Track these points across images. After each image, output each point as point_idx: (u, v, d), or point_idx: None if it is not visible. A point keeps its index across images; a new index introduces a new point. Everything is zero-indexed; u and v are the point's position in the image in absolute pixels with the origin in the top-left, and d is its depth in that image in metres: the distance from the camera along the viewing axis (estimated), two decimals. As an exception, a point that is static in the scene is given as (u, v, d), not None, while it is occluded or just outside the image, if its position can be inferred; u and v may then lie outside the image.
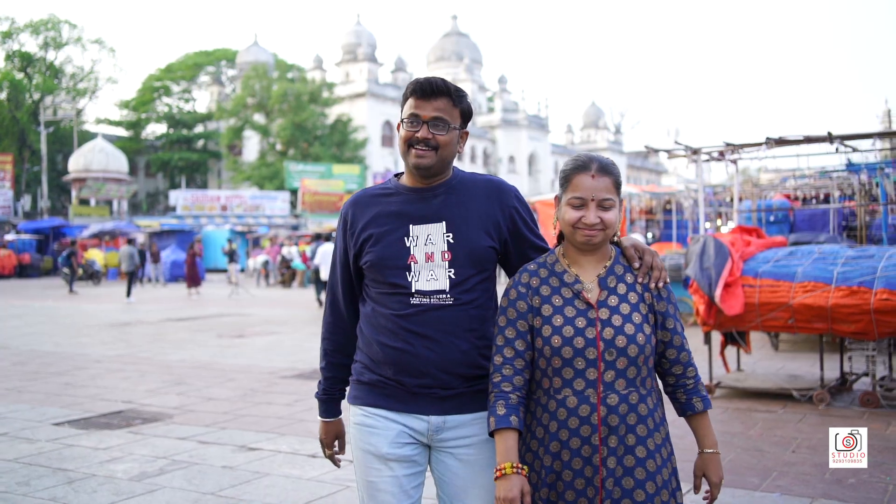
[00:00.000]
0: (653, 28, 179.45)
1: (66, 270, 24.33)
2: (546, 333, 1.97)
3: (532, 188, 63.66)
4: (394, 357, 2.07)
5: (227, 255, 25.35)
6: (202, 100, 63.07)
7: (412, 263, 2.07)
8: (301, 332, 12.47)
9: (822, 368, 6.71)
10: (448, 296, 2.06)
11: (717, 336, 7.39)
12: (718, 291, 6.40)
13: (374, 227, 2.12)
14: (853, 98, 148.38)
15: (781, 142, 8.40)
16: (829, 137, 8.12)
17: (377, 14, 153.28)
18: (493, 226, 2.13)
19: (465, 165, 55.44)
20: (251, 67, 52.37)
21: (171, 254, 30.61)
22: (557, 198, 2.07)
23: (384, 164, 55.31)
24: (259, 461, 5.00)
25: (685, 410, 2.05)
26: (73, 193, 45.10)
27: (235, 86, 59.12)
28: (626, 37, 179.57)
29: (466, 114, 2.13)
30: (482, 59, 72.01)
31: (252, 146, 55.59)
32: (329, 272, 2.31)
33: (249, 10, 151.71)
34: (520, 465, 1.92)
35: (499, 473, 1.91)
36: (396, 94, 57.07)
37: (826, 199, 12.84)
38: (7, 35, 48.97)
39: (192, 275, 22.29)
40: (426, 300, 2.06)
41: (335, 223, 2.37)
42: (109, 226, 34.69)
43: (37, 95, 48.56)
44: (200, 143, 59.38)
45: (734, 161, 9.36)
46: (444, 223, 2.09)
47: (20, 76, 49.02)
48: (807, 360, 8.54)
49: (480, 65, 71.46)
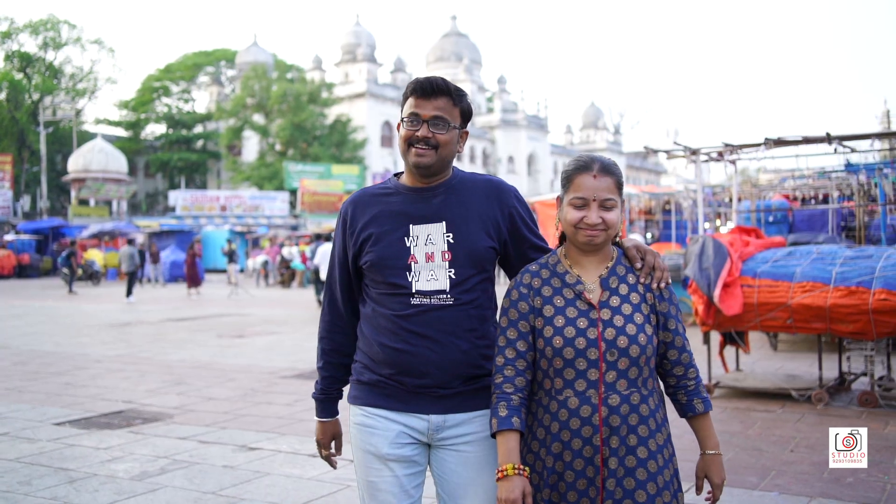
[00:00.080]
0: (652, 28, 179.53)
1: (66, 271, 24.33)
2: (547, 334, 1.96)
3: (531, 188, 63.70)
4: (394, 357, 2.07)
5: (227, 256, 25.36)
6: (201, 100, 63.19)
7: (412, 263, 2.07)
8: (301, 332, 12.48)
9: (821, 368, 6.73)
10: (448, 296, 2.06)
11: (716, 336, 7.41)
12: (717, 291, 6.42)
13: (374, 227, 2.11)
14: (852, 98, 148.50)
15: (780, 142, 8.41)
16: (828, 138, 8.13)
17: (376, 14, 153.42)
18: (493, 226, 2.12)
19: (465, 165, 55.43)
20: (250, 68, 52.43)
21: (171, 254, 30.64)
22: (559, 198, 2.06)
23: (383, 165, 55.34)
24: (259, 461, 5.02)
25: (686, 412, 2.05)
26: (73, 194, 45.12)
27: (235, 86, 59.13)
28: (626, 37, 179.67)
29: (466, 113, 2.12)
30: (481, 60, 72.06)
31: (251, 146, 55.62)
32: (327, 271, 2.30)
33: (249, 11, 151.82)
34: (521, 467, 1.92)
35: (500, 475, 1.91)
36: (396, 95, 57.09)
37: (825, 200, 12.86)
38: (6, 35, 48.99)
39: (192, 275, 22.31)
40: (426, 300, 2.06)
41: (334, 223, 2.36)
42: (109, 226, 34.70)
43: (36, 96, 48.57)
44: (200, 144, 59.39)
45: (733, 161, 9.38)
46: (445, 223, 2.08)
47: (19, 76, 49.05)
48: (805, 360, 8.56)
49: (480, 65, 71.50)
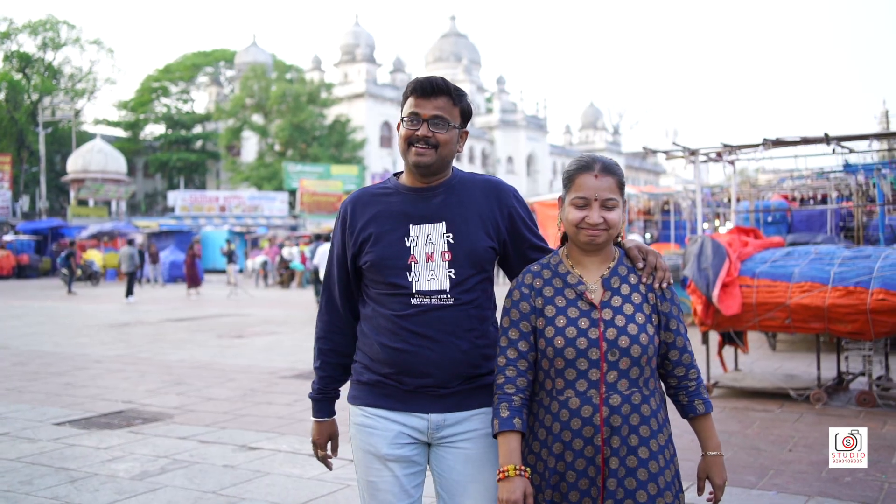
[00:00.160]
0: (651, 29, 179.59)
1: (65, 271, 24.34)
2: (549, 334, 1.96)
3: (530, 189, 63.72)
4: (395, 357, 2.07)
5: (226, 256, 25.37)
6: (200, 100, 63.17)
7: (412, 263, 2.07)
8: (300, 333, 12.49)
9: (819, 368, 6.75)
10: (448, 296, 2.06)
11: (715, 336, 7.43)
12: (716, 292, 6.43)
13: (374, 227, 2.11)
14: (851, 99, 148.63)
15: (778, 143, 8.43)
16: (826, 139, 8.15)
17: (376, 15, 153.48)
18: (493, 226, 2.13)
19: (464, 166, 55.45)
20: (249, 68, 52.42)
21: (170, 254, 30.65)
22: (561, 198, 2.06)
23: (382, 165, 55.35)
24: (260, 460, 5.04)
25: (687, 412, 2.05)
26: (72, 194, 45.09)
27: (234, 86, 59.12)
28: (625, 37, 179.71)
29: (466, 113, 2.13)
30: (480, 60, 72.10)
31: (250, 147, 55.62)
32: (325, 271, 2.29)
33: (248, 11, 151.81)
34: (523, 468, 1.92)
35: (502, 475, 1.91)
36: (395, 95, 57.11)
37: (823, 200, 12.88)
38: (5, 36, 48.95)
39: (192, 275, 22.31)
40: (427, 300, 2.06)
41: (333, 224, 2.36)
42: (108, 226, 34.69)
43: (35, 96, 48.55)
44: (199, 144, 59.36)
45: (731, 162, 9.40)
46: (445, 223, 2.08)
47: (18, 77, 49.02)
48: (804, 360, 8.57)
49: (479, 65, 71.54)
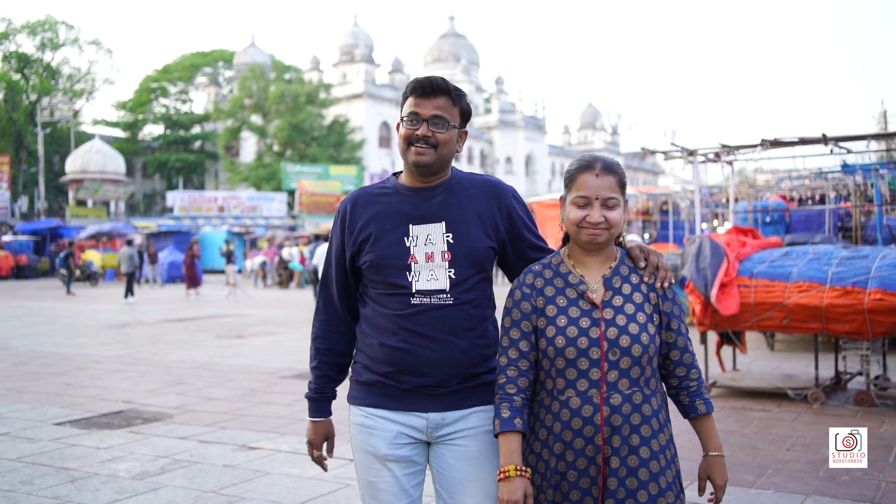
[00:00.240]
0: (650, 29, 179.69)
1: (64, 272, 24.34)
2: (550, 334, 1.96)
3: (529, 189, 63.75)
4: (394, 357, 2.08)
5: (225, 256, 25.37)
6: (199, 101, 63.24)
7: (412, 263, 2.07)
8: (299, 333, 12.49)
9: (817, 368, 6.77)
10: (448, 295, 2.07)
11: (713, 336, 7.45)
12: (714, 292, 6.45)
13: (374, 227, 2.11)
14: (849, 99, 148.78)
15: (776, 143, 8.44)
16: (824, 139, 8.17)
17: (374, 15, 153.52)
18: (492, 226, 2.13)
19: (463, 166, 55.45)
20: (248, 68, 52.41)
21: (169, 255, 30.65)
22: (562, 198, 2.07)
23: (381, 165, 55.35)
24: (259, 460, 5.05)
25: (688, 412, 2.05)
26: (71, 194, 45.05)
27: (232, 87, 59.12)
28: (623, 38, 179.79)
29: (466, 113, 2.13)
30: (479, 61, 72.14)
31: (249, 147, 55.62)
32: (322, 270, 2.29)
33: (247, 12, 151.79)
34: (524, 468, 1.92)
35: (502, 475, 1.91)
36: (393, 96, 57.12)
37: (821, 200, 12.89)
38: (4, 36, 48.91)
39: (192, 276, 22.31)
40: (426, 300, 2.06)
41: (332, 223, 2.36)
42: (107, 227, 34.69)
43: (34, 96, 48.52)
44: (197, 144, 59.34)
45: (730, 162, 9.42)
46: (444, 223, 2.09)
47: (17, 77, 48.96)
48: (802, 360, 8.59)
49: (477, 66, 71.57)
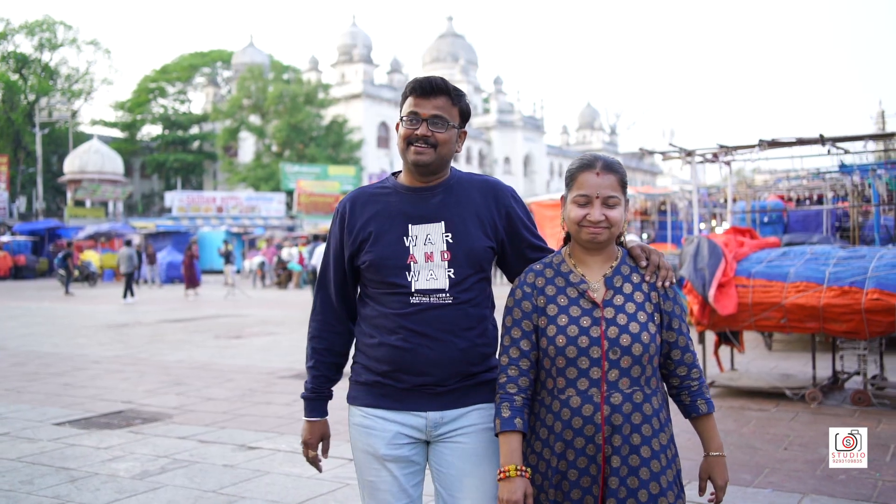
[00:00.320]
0: (648, 29, 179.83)
1: (62, 272, 24.34)
2: (551, 333, 1.96)
3: (527, 189, 63.79)
4: (393, 355, 2.08)
5: (223, 257, 25.38)
6: (198, 101, 63.21)
7: (412, 263, 2.07)
8: (298, 333, 12.49)
9: (815, 367, 6.79)
10: (447, 295, 2.07)
11: (711, 336, 7.46)
12: (712, 292, 6.47)
13: (373, 226, 2.12)
14: (848, 99, 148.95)
15: (774, 144, 8.47)
16: (821, 139, 8.20)
17: (373, 15, 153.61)
18: (491, 226, 2.14)
19: (461, 166, 55.25)
20: (247, 69, 52.40)
21: (167, 255, 30.63)
22: (563, 197, 2.07)
23: (379, 166, 55.36)
24: (259, 460, 5.06)
25: (690, 412, 2.05)
26: (69, 195, 45.03)
27: (231, 87, 59.12)
28: (622, 38, 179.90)
29: (465, 113, 2.14)
30: (477, 61, 72.16)
31: (248, 147, 55.60)
32: (320, 270, 2.30)
33: (245, 12, 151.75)
34: (524, 468, 1.93)
35: (503, 475, 1.92)
36: (392, 96, 57.15)
37: (819, 201, 12.93)
38: (2, 36, 48.91)
39: (190, 276, 22.30)
40: (426, 299, 2.07)
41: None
42: (105, 227, 34.66)
43: (32, 97, 48.51)
44: (196, 145, 59.35)
45: (728, 163, 9.45)
46: (443, 223, 2.09)
47: (15, 77, 48.94)
48: (799, 360, 8.62)
49: (476, 66, 71.59)
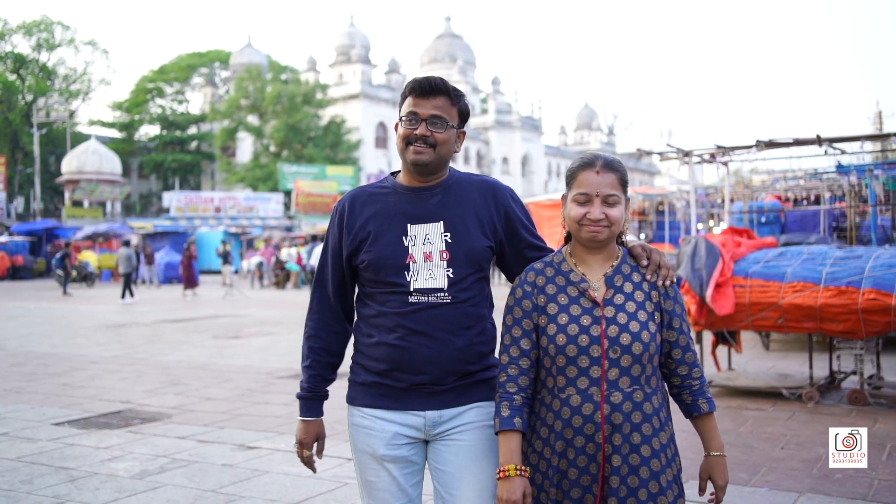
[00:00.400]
0: (646, 30, 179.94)
1: (60, 272, 24.31)
2: (551, 332, 1.97)
3: (525, 189, 63.81)
4: (392, 354, 2.09)
5: (221, 257, 25.37)
6: (195, 101, 63.08)
7: (411, 263, 2.08)
8: (296, 333, 12.51)
9: (812, 367, 6.82)
10: (446, 294, 2.08)
11: (709, 335, 7.49)
12: (709, 292, 6.49)
13: (372, 226, 2.12)
14: (845, 100, 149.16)
15: (771, 144, 8.49)
16: (819, 140, 8.21)
17: (371, 16, 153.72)
18: (490, 225, 2.15)
19: (459, 166, 55.19)
20: (245, 69, 52.35)
21: (165, 255, 30.63)
22: (564, 196, 2.08)
23: (378, 166, 55.34)
24: (258, 459, 5.07)
25: (691, 412, 2.05)
26: (67, 195, 44.99)
27: (229, 87, 59.07)
28: (620, 38, 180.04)
29: (464, 113, 2.15)
30: (475, 61, 72.16)
31: (246, 148, 55.57)
32: (317, 269, 2.30)
33: (243, 12, 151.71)
34: (523, 468, 1.93)
35: (502, 475, 1.93)
36: (390, 96, 57.14)
37: (816, 201, 12.94)
38: (0, 36, 48.83)
39: (189, 276, 22.30)
40: (424, 298, 2.08)
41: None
42: (103, 227, 34.62)
43: (29, 97, 48.47)
44: (194, 145, 59.28)
45: (725, 163, 9.47)
46: (442, 223, 2.10)
47: (13, 78, 48.91)
48: (796, 359, 8.65)
49: (474, 66, 71.59)
